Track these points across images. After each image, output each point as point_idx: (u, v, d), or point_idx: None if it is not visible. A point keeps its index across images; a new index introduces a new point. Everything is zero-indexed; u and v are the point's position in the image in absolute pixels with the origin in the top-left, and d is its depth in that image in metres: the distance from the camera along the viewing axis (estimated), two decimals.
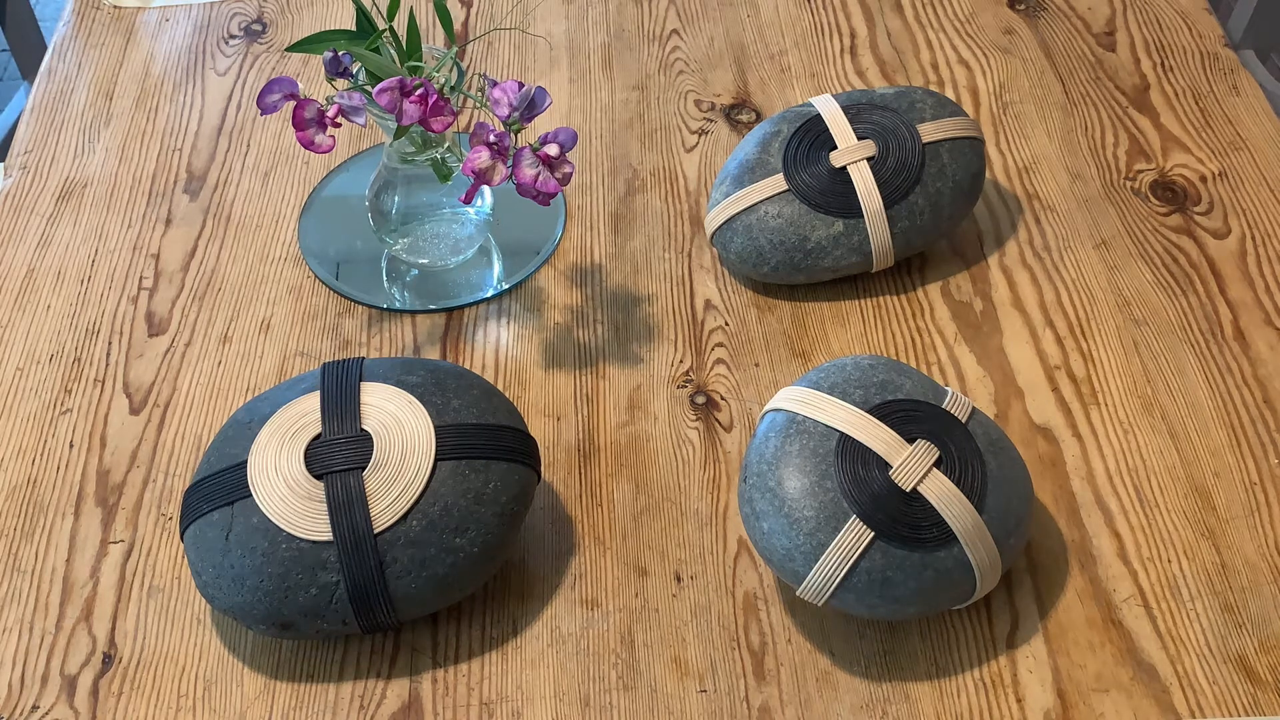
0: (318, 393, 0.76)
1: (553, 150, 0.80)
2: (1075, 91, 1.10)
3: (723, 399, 0.88)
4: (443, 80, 0.82)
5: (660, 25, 1.17)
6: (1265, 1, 1.44)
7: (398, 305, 0.95)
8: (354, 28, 0.86)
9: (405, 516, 0.72)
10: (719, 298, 0.95)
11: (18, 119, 1.12)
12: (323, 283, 0.96)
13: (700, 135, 1.07)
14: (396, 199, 0.93)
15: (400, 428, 0.74)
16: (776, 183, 0.91)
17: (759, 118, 1.08)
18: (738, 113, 1.09)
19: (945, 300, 0.94)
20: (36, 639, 0.77)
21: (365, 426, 0.74)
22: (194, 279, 0.97)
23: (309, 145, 0.81)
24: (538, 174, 0.80)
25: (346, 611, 0.72)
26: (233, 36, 1.17)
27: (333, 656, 0.76)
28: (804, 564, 0.71)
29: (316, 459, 0.73)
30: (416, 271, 0.97)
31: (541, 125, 1.05)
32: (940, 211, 0.92)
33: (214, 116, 1.10)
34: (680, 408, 0.88)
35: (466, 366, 0.89)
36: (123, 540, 0.82)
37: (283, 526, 0.71)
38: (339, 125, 0.81)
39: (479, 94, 1.06)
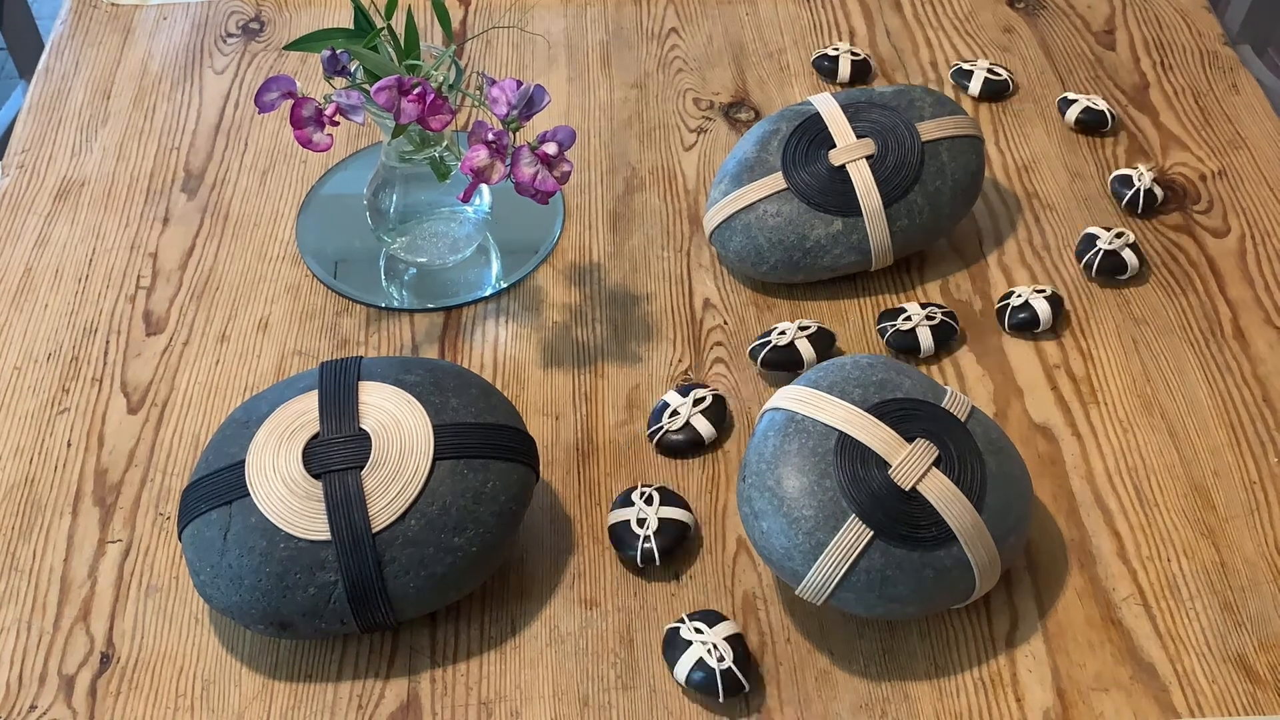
0: (316, 392, 0.76)
1: (551, 149, 0.80)
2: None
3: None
4: (441, 79, 0.82)
5: (659, 23, 1.17)
6: None
7: (396, 304, 0.95)
8: (352, 26, 0.85)
9: (404, 516, 0.72)
10: (718, 296, 0.95)
11: (15, 118, 1.12)
12: (321, 281, 0.96)
13: (699, 134, 1.07)
14: (395, 197, 0.93)
15: (399, 427, 0.74)
16: (775, 181, 0.91)
17: (758, 116, 1.08)
18: (736, 111, 1.09)
19: (945, 299, 0.94)
20: (34, 638, 0.77)
21: (363, 426, 0.74)
22: (192, 278, 0.97)
23: (307, 144, 0.81)
24: (536, 172, 0.80)
25: (345, 611, 0.72)
26: (230, 35, 1.17)
27: (331, 656, 0.76)
28: (803, 563, 0.71)
29: (315, 458, 0.73)
30: (415, 270, 0.97)
31: (540, 124, 1.04)
32: (940, 210, 0.92)
33: (212, 115, 1.10)
34: None
35: (465, 365, 0.89)
36: (120, 539, 0.82)
37: (281, 526, 0.71)
38: (337, 124, 0.81)
39: (477, 92, 1.06)
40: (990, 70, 1.08)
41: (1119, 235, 0.93)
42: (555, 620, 0.77)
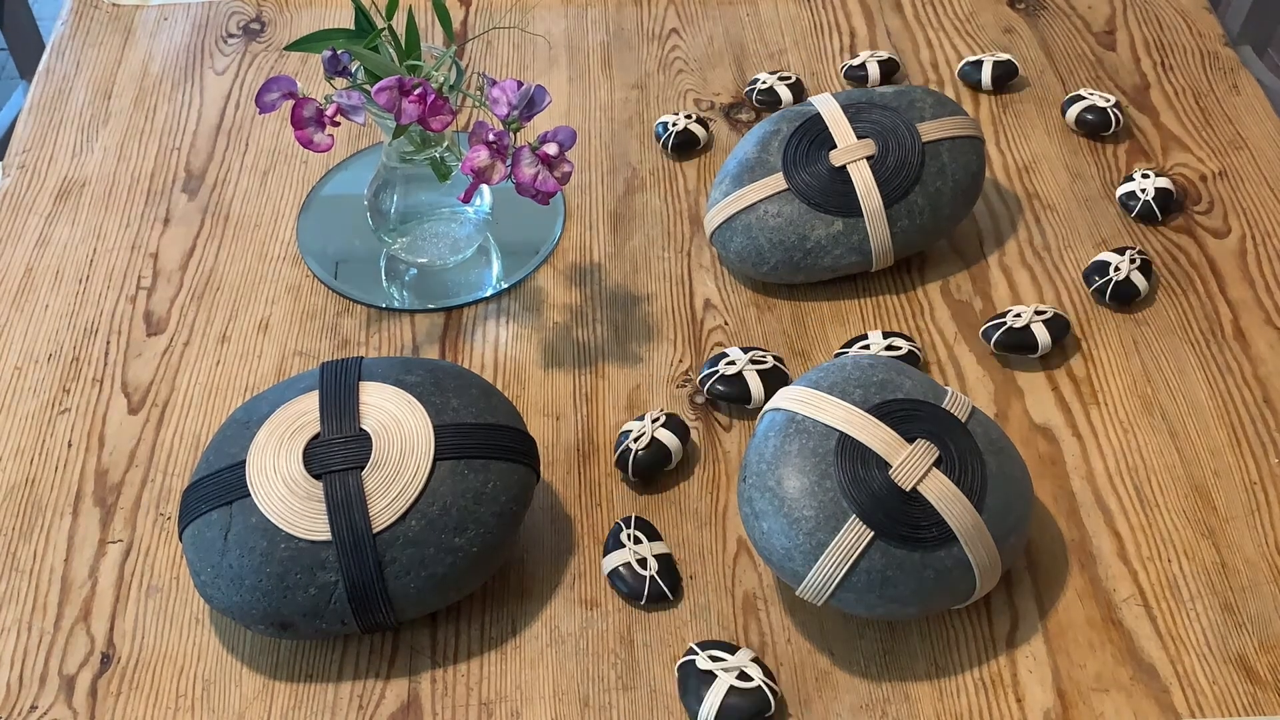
0: (316, 392, 0.76)
1: (552, 149, 0.80)
2: (1075, 90, 1.09)
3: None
4: (441, 79, 0.82)
5: (659, 24, 1.17)
6: None
7: (396, 304, 0.95)
8: (353, 26, 0.85)
9: (404, 516, 0.72)
10: (718, 297, 0.95)
11: (16, 118, 1.12)
12: (321, 282, 0.96)
13: None
14: (395, 198, 0.93)
15: (399, 427, 0.74)
16: (776, 182, 0.91)
17: (758, 117, 1.08)
18: (737, 112, 1.09)
19: (945, 300, 0.94)
20: (35, 639, 0.77)
21: (364, 426, 0.74)
22: (192, 278, 0.97)
23: (307, 144, 0.81)
24: (537, 173, 0.80)
25: (345, 611, 0.72)
26: (231, 35, 1.17)
27: (331, 656, 0.76)
28: (803, 564, 0.71)
29: (315, 458, 0.73)
30: (415, 271, 0.97)
31: (540, 124, 1.04)
32: (940, 211, 0.92)
33: (212, 115, 1.10)
34: (680, 407, 0.88)
35: (465, 366, 0.89)
36: (121, 540, 0.82)
37: (281, 526, 0.71)
38: (338, 124, 0.81)
39: (478, 93, 1.06)
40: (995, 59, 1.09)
41: (1131, 260, 0.92)
42: (556, 620, 0.77)
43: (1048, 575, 0.79)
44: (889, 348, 0.87)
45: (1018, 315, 0.88)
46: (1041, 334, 0.87)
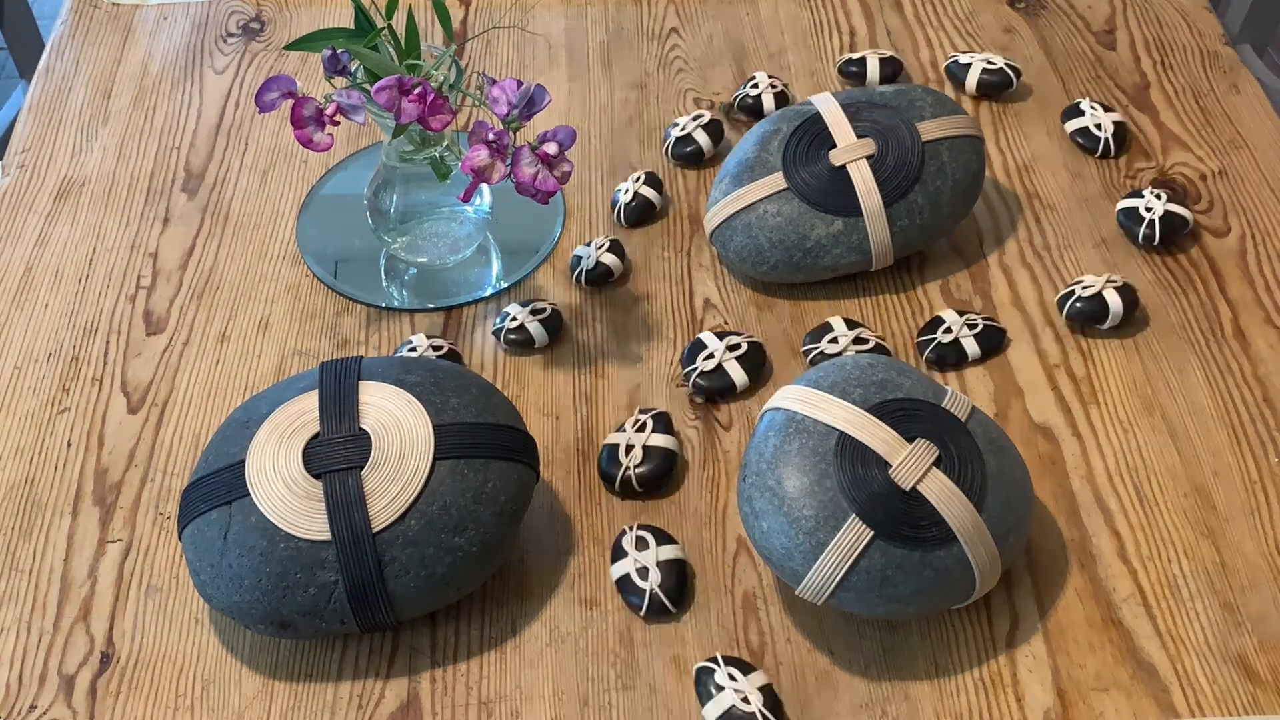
0: (316, 392, 0.76)
1: (551, 149, 0.80)
2: (1075, 90, 1.09)
3: (721, 398, 0.88)
4: (441, 78, 0.82)
5: (659, 23, 1.17)
6: None
7: (396, 304, 0.95)
8: (352, 26, 0.85)
9: (404, 516, 0.72)
10: (718, 296, 0.94)
11: (15, 117, 1.12)
12: (321, 281, 0.96)
13: None
14: (395, 197, 0.93)
15: (399, 426, 0.74)
16: (776, 181, 0.91)
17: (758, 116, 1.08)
18: (738, 111, 1.09)
19: (945, 299, 0.94)
20: (34, 638, 0.77)
21: (364, 425, 0.74)
22: (192, 278, 0.97)
23: (307, 143, 0.81)
24: (536, 172, 0.80)
25: (345, 611, 0.72)
26: (231, 34, 1.17)
27: (331, 656, 0.76)
28: (803, 563, 0.71)
29: (315, 458, 0.73)
30: (415, 270, 0.97)
31: (540, 123, 1.04)
32: (940, 210, 0.92)
33: (212, 115, 1.10)
34: (679, 406, 0.88)
35: (465, 365, 0.89)
36: (121, 539, 0.82)
37: (281, 526, 0.71)
38: (337, 123, 0.81)
39: (478, 92, 1.06)
40: (988, 63, 1.08)
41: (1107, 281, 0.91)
42: (555, 620, 0.77)
43: (1048, 575, 0.78)
44: (857, 340, 0.88)
45: (948, 330, 0.88)
46: (971, 347, 0.88)
